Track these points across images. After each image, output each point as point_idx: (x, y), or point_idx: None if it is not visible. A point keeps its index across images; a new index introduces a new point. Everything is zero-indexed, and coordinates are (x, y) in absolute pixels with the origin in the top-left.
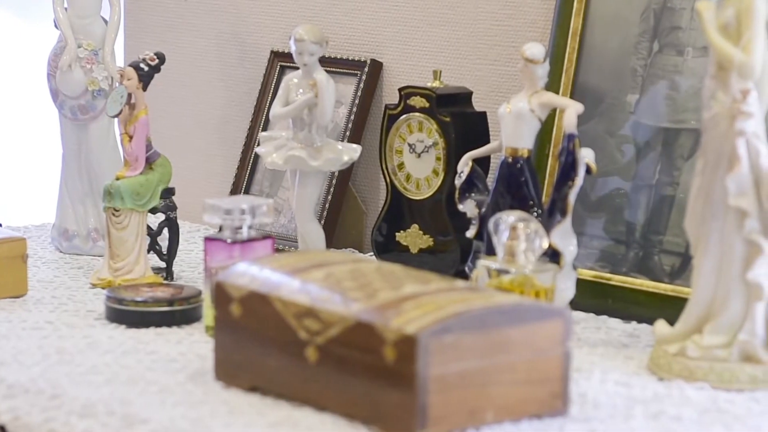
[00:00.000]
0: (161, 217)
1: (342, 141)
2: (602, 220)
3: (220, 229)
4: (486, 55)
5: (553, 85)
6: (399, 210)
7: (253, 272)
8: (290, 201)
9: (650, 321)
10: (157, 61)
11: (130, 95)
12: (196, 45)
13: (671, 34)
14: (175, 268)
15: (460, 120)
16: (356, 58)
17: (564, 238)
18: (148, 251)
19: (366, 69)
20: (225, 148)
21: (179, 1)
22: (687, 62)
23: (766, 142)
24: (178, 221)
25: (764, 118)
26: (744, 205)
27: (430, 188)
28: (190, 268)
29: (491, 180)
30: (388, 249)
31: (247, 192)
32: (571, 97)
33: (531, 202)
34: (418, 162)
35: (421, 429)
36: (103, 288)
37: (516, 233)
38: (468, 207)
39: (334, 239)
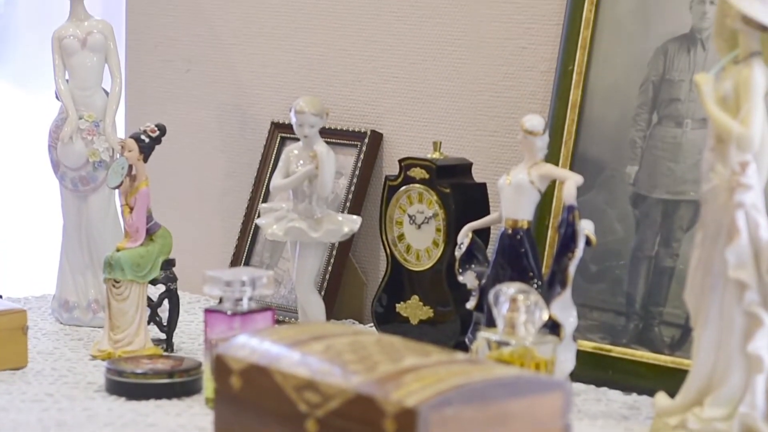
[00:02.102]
0: (161, 288)
1: (342, 212)
2: (602, 291)
3: (221, 300)
4: (486, 127)
5: (552, 157)
6: (399, 281)
7: (253, 344)
8: (291, 272)
9: (651, 393)
10: (158, 132)
11: (130, 167)
12: (197, 116)
13: (670, 106)
14: (176, 339)
15: (459, 191)
16: (356, 129)
17: (564, 309)
18: (149, 323)
19: (366, 140)
20: (225, 219)
21: (180, 73)
22: (686, 134)
23: (765, 214)
24: (179, 292)
25: (763, 190)
26: (743, 278)
27: (430, 259)
28: (191, 339)
29: (491, 251)
30: (388, 320)
31: (247, 263)
32: (571, 168)
33: (531, 274)
34: (418, 233)
35: None
36: (103, 360)
37: (516, 305)
38: (468, 278)
39: (334, 310)
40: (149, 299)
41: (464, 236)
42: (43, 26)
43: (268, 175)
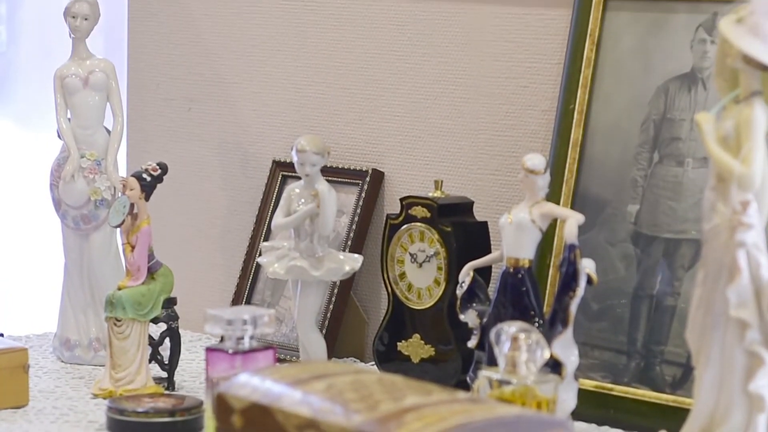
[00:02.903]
0: (163, 326)
1: (343, 250)
2: (604, 330)
3: (222, 339)
4: (487, 165)
5: (553, 196)
6: (400, 319)
7: (254, 383)
8: (292, 310)
9: None
10: (159, 171)
11: (132, 205)
12: (199, 154)
13: (671, 144)
14: (177, 378)
15: (461, 230)
16: (358, 168)
17: (565, 348)
18: (150, 361)
19: (367, 179)
20: (227, 258)
21: (182, 111)
22: (687, 173)
23: (767, 253)
24: (180, 331)
25: (764, 229)
26: (745, 317)
27: (432, 298)
28: (192, 378)
29: (492, 290)
30: (389, 358)
31: (248, 301)
32: (572, 207)
33: (532, 313)
34: (420, 272)
35: None
36: (104, 398)
37: (517, 344)
38: (469, 317)
39: (335, 348)
40: (150, 338)
41: (466, 275)
42: (45, 65)
43: (269, 213)
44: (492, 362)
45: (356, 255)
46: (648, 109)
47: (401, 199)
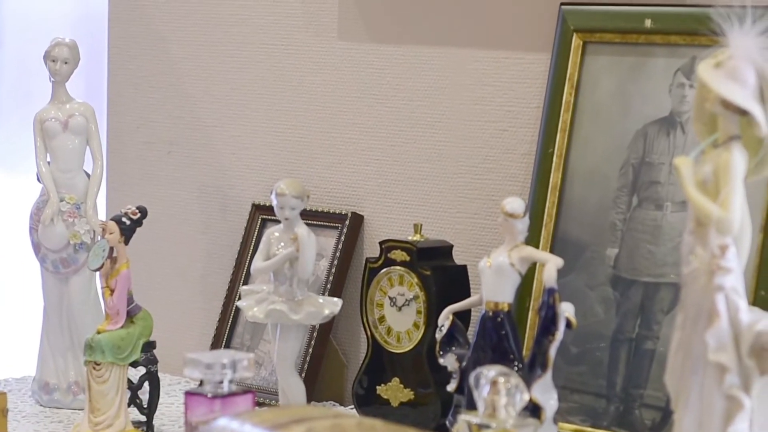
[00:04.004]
0: (142, 370)
1: (323, 294)
2: (583, 373)
3: (201, 383)
4: (466, 209)
5: (533, 239)
6: (380, 363)
7: (233, 427)
8: (271, 354)
9: None
10: (139, 215)
11: (111, 249)
12: (178, 198)
13: (650, 188)
14: (156, 422)
15: (440, 273)
16: (337, 212)
17: (545, 392)
18: (129, 405)
19: (347, 222)
20: (206, 301)
21: (162, 154)
22: (666, 217)
23: (745, 297)
24: (159, 374)
25: (743, 273)
26: (723, 361)
27: (411, 342)
28: (171, 422)
29: (472, 334)
30: (369, 402)
31: (228, 345)
32: (551, 251)
33: (511, 356)
34: (399, 315)
35: None
36: None
37: (497, 388)
38: (449, 361)
39: (315, 392)
40: (130, 381)
41: (445, 318)
42: (25, 108)
43: (248, 257)
44: (471, 406)
45: (335, 299)
46: (627, 153)
47: (380, 243)
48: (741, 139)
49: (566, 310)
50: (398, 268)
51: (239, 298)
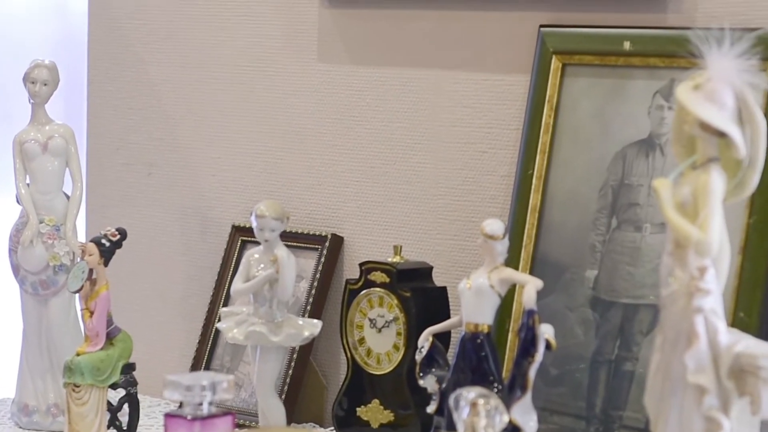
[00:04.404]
0: (122, 392)
1: (303, 316)
2: (562, 395)
3: (181, 404)
4: (446, 231)
5: (512, 261)
6: (360, 385)
7: None
8: (251, 375)
9: None
10: (118, 236)
11: (91, 271)
12: (158, 219)
13: (629, 210)
14: None
15: (420, 295)
16: (317, 233)
17: (524, 413)
18: (108, 427)
19: (327, 244)
20: (186, 323)
21: (141, 176)
22: (645, 238)
23: (724, 318)
24: (139, 396)
25: (722, 294)
26: (702, 382)
27: (391, 363)
28: None
29: (452, 355)
30: (349, 424)
31: (208, 366)
32: (531, 272)
33: (491, 378)
34: (379, 337)
35: None
36: None
37: (476, 409)
38: (429, 382)
39: (295, 414)
40: (109, 403)
41: (425, 340)
42: (4, 130)
43: (229, 278)
44: (451, 427)
45: (315, 320)
46: (606, 174)
47: (360, 264)
48: (719, 161)
49: (546, 331)
50: (378, 289)
51: (219, 320)
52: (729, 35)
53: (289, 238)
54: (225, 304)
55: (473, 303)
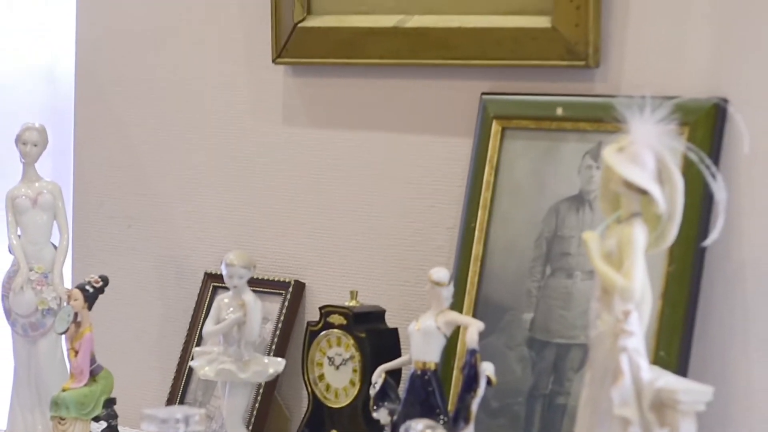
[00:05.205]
0: (103, 424)
1: (268, 355)
2: (502, 426)
3: None
4: (397, 277)
5: (457, 305)
6: (320, 417)
7: None
8: (221, 409)
9: None
10: (101, 283)
11: (76, 314)
12: (137, 267)
13: (562, 259)
14: None
15: (374, 336)
16: (281, 279)
17: None
18: None
19: (290, 289)
20: (162, 361)
21: (123, 228)
22: (576, 284)
23: (646, 357)
24: (119, 428)
25: (644, 335)
26: (627, 414)
27: (348, 397)
28: None
29: (402, 390)
30: None
31: (182, 400)
32: (474, 315)
33: (438, 411)
34: (337, 373)
35: None
36: None
37: None
38: (381, 415)
39: None
40: None
41: (378, 376)
42: None
43: (201, 320)
44: None
45: (279, 359)
46: (541, 227)
47: (320, 308)
48: (642, 215)
49: (487, 368)
50: (336, 331)
51: (192, 359)
52: (650, 103)
53: (256, 284)
54: (197, 344)
55: (422, 343)
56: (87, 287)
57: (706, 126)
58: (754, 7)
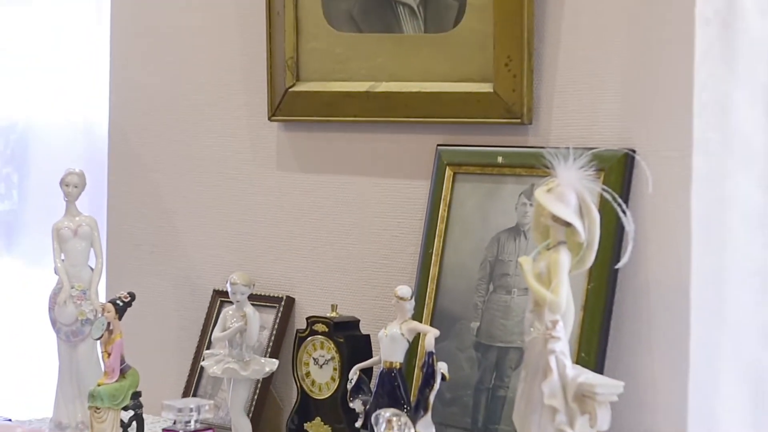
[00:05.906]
0: (131, 413)
1: (265, 356)
2: (454, 413)
3: (175, 422)
4: (369, 294)
5: (418, 315)
6: (306, 406)
7: None
8: (227, 400)
9: None
10: (129, 298)
11: (109, 324)
12: (159, 286)
13: (502, 278)
14: None
15: (351, 341)
16: (275, 295)
17: (426, 427)
18: None
19: (283, 303)
20: (179, 362)
21: (147, 253)
22: (514, 299)
23: (570, 358)
24: (144, 416)
25: (569, 340)
26: (555, 404)
27: (329, 390)
28: None
29: (373, 385)
30: None
31: (195, 394)
32: (431, 324)
33: (402, 402)
34: (321, 371)
35: None
36: None
37: (391, 424)
38: (356, 405)
39: (258, 429)
40: (122, 421)
41: (354, 374)
42: (46, 220)
43: (210, 329)
44: None
45: (274, 359)
46: (485, 252)
47: (307, 318)
48: (567, 243)
49: (442, 367)
50: (320, 336)
51: (203, 359)
52: (573, 153)
53: (255, 298)
54: (207, 348)
55: (389, 346)
56: (118, 302)
57: (618, 171)
58: (654, 79)
